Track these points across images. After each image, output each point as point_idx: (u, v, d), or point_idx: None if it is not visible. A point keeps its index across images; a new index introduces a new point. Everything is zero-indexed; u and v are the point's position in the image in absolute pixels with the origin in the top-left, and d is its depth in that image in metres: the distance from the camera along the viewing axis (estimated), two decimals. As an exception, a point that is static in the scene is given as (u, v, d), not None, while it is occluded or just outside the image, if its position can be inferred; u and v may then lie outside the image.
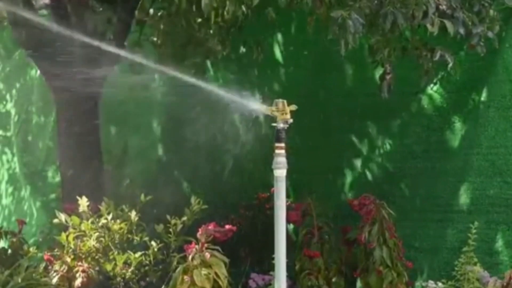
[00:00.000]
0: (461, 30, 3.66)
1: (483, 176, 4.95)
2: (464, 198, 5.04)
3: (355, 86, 5.44)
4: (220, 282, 3.94)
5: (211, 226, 4.09)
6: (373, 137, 5.42)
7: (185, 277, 3.94)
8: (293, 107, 3.20)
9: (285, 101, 3.29)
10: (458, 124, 5.09)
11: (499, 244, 4.84)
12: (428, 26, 3.57)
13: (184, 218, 4.44)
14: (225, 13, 3.59)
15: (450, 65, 4.02)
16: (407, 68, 4.74)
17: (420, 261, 4.99)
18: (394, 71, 4.27)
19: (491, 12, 4.00)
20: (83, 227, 4.42)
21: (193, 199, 4.50)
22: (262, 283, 4.68)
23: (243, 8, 3.54)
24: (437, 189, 5.15)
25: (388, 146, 5.39)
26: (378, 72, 4.23)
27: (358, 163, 5.45)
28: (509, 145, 4.90)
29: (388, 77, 4.09)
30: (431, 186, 5.18)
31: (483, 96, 4.94)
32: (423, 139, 5.24)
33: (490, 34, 3.86)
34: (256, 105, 3.34)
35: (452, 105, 5.13)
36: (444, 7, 3.58)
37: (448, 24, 3.58)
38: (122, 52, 4.25)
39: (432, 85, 5.11)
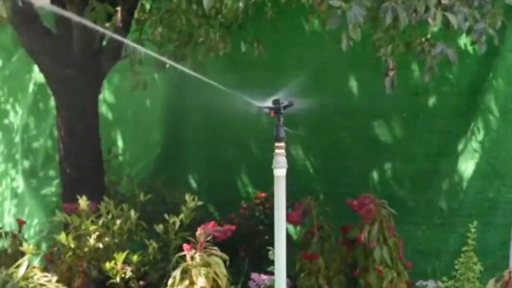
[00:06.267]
0: (462, 26, 3.64)
1: (484, 179, 4.95)
2: (464, 201, 5.04)
3: (356, 85, 5.44)
4: (220, 282, 3.92)
5: (210, 226, 4.07)
6: (374, 138, 5.41)
7: (185, 276, 3.93)
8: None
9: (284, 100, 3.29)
10: (459, 127, 5.09)
11: (498, 246, 4.84)
12: (430, 20, 3.54)
13: (182, 216, 4.45)
14: (223, 8, 3.58)
15: (452, 61, 3.99)
16: (410, 70, 4.73)
17: (420, 264, 4.98)
18: (397, 72, 4.25)
19: (492, 7, 3.97)
20: (83, 227, 4.42)
21: (187, 197, 4.51)
22: (262, 283, 4.67)
23: (241, 3, 3.51)
24: (437, 192, 5.15)
25: (389, 148, 5.39)
26: (379, 71, 4.20)
27: (358, 164, 5.44)
28: (510, 149, 4.90)
29: (391, 73, 4.05)
30: (431, 189, 5.18)
31: (485, 99, 4.95)
32: (424, 142, 5.24)
33: (491, 31, 3.84)
34: (256, 104, 3.34)
35: (454, 108, 5.13)
36: (446, 2, 3.55)
37: (451, 17, 3.54)
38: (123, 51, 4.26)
39: (434, 87, 5.11)
